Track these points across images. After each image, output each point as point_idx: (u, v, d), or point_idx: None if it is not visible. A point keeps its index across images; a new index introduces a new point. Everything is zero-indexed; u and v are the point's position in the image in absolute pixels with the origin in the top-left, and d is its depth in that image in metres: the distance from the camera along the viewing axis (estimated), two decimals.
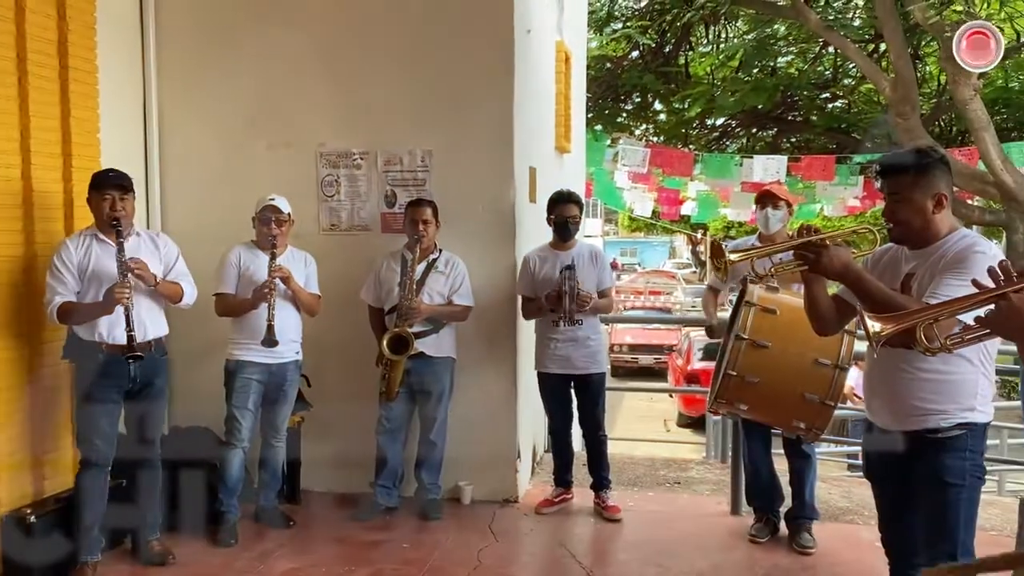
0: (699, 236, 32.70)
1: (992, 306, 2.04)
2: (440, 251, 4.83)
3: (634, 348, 17.89)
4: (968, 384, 2.75)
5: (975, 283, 2.12)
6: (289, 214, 4.57)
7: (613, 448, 5.10)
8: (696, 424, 12.55)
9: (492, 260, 5.04)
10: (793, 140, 14.42)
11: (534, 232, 5.21)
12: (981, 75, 10.98)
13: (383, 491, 4.86)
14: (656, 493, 5.45)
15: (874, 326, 2.12)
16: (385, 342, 4.66)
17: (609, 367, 16.55)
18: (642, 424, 13.21)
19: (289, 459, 4.89)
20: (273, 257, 4.44)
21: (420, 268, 4.72)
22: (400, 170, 5.08)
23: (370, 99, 5.08)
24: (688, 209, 16.84)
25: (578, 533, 4.76)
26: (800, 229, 2.89)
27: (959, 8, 10.87)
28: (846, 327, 3.34)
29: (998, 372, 4.55)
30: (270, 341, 4.35)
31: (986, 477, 7.76)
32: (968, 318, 2.21)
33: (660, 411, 14.34)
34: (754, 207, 4.80)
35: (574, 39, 7.39)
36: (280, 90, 5.16)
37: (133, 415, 4.14)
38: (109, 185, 3.98)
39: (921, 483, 2.80)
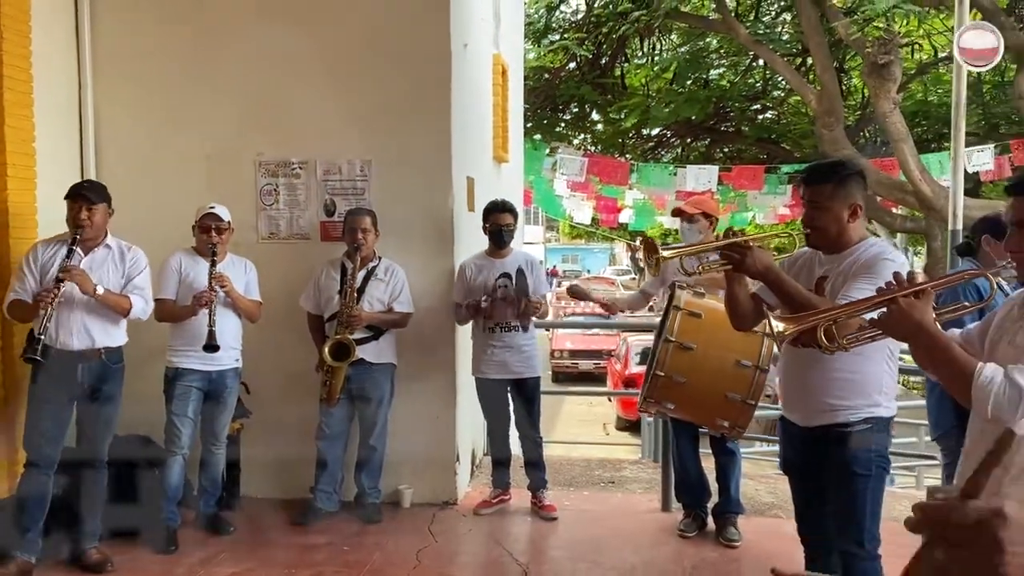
0: (637, 243, 33.21)
1: (885, 309, 2.25)
2: (380, 259, 4.93)
3: (574, 354, 18.12)
4: (873, 382, 2.97)
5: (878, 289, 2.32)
6: (229, 222, 4.63)
7: (553, 451, 5.25)
8: (633, 427, 12.80)
9: (431, 268, 5.16)
10: (726, 150, 14.85)
11: (472, 240, 5.34)
12: (901, 88, 11.51)
13: (323, 496, 4.92)
14: (591, 492, 5.62)
15: (778, 326, 2.31)
16: (326, 349, 4.74)
17: (550, 372, 16.63)
18: (582, 428, 13.43)
19: (229, 465, 4.92)
20: (214, 264, 4.49)
21: (360, 276, 4.81)
22: (339, 179, 5.17)
23: (309, 109, 5.15)
24: (626, 217, 17.20)
25: (515, 532, 4.89)
26: (727, 232, 3.09)
27: (880, 24, 11.38)
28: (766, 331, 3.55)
29: (916, 373, 4.82)
30: (211, 347, 4.40)
31: (904, 471, 8.12)
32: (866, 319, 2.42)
33: (599, 415, 14.59)
34: None
35: (511, 52, 7.56)
36: (218, 100, 5.20)
37: (81, 420, 4.19)
38: (75, 196, 4.15)
39: (831, 475, 3.01)
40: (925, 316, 2.14)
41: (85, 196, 4.13)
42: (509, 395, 5.09)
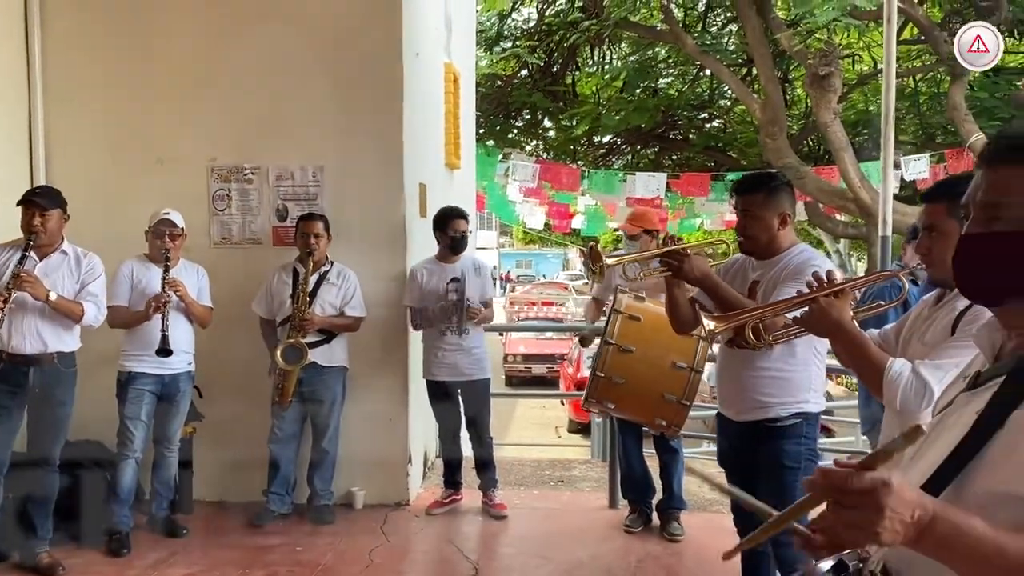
0: (588, 249, 33.52)
1: (807, 308, 2.42)
2: (332, 263, 5.01)
3: (527, 358, 18.25)
4: (803, 379, 3.16)
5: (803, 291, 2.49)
6: (183, 228, 4.68)
7: (506, 453, 5.37)
8: (585, 430, 12.96)
9: (383, 272, 5.25)
10: (674, 157, 15.14)
11: (425, 246, 5.44)
12: (841, 99, 11.88)
13: (276, 498, 4.98)
14: (541, 491, 5.76)
15: (709, 324, 2.47)
16: (279, 352, 4.80)
17: (504, 376, 16.70)
18: (534, 431, 13.57)
19: (182, 469, 4.96)
20: (167, 270, 4.54)
21: (312, 280, 4.89)
22: (292, 185, 5.24)
23: (262, 116, 5.22)
24: (578, 222, 17.40)
25: (466, 531, 5.00)
26: (665, 239, 3.25)
27: (822, 37, 11.75)
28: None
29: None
30: (164, 351, 4.44)
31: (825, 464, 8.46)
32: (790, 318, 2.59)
33: (552, 418, 14.75)
34: None
35: (463, 60, 7.69)
36: (171, 105, 5.24)
37: (32, 424, 4.20)
38: (28, 202, 4.18)
39: (763, 468, 3.18)
40: (843, 314, 2.31)
41: (36, 202, 4.16)
42: (460, 397, 5.20)
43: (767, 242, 3.15)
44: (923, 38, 11.68)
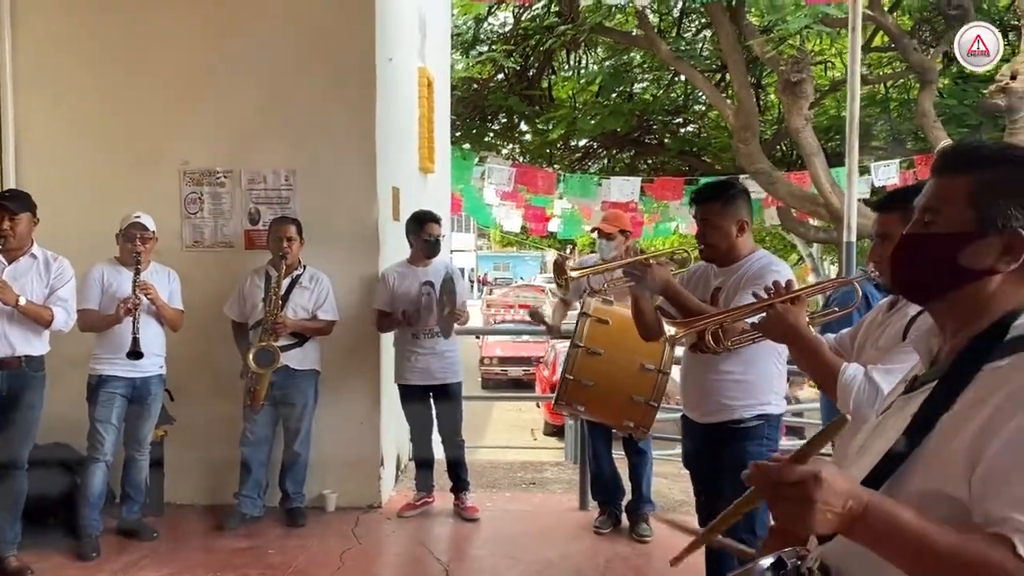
0: (567, 252, 33.68)
1: (764, 314, 2.48)
2: (304, 267, 5.03)
3: (504, 360, 18.29)
4: (764, 382, 3.23)
5: (755, 295, 2.55)
6: (154, 231, 4.68)
7: (482, 455, 5.40)
8: (560, 432, 12.99)
9: (357, 276, 5.28)
10: (650, 161, 15.25)
11: (398, 249, 5.46)
12: (813, 105, 12.03)
13: (248, 501, 4.99)
14: (513, 494, 5.81)
15: (670, 331, 2.53)
16: (251, 356, 4.81)
17: (480, 379, 16.70)
18: (510, 433, 13.62)
19: (153, 472, 4.95)
20: (138, 273, 4.54)
21: (285, 284, 4.91)
22: (264, 188, 5.25)
23: (235, 119, 5.23)
24: (554, 226, 17.47)
25: (438, 533, 5.04)
26: (626, 250, 3.32)
27: (794, 43, 11.90)
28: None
29: None
30: (135, 353, 4.44)
31: None
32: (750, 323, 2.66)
33: (528, 421, 14.81)
34: None
35: (437, 64, 7.72)
36: (144, 109, 5.24)
37: (0, 428, 4.18)
38: None
39: (726, 469, 3.24)
40: (798, 320, 2.38)
41: (6, 206, 4.15)
42: (432, 400, 5.23)
43: (727, 249, 3.23)
44: (893, 46, 11.84)
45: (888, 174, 11.38)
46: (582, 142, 15.22)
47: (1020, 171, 1.34)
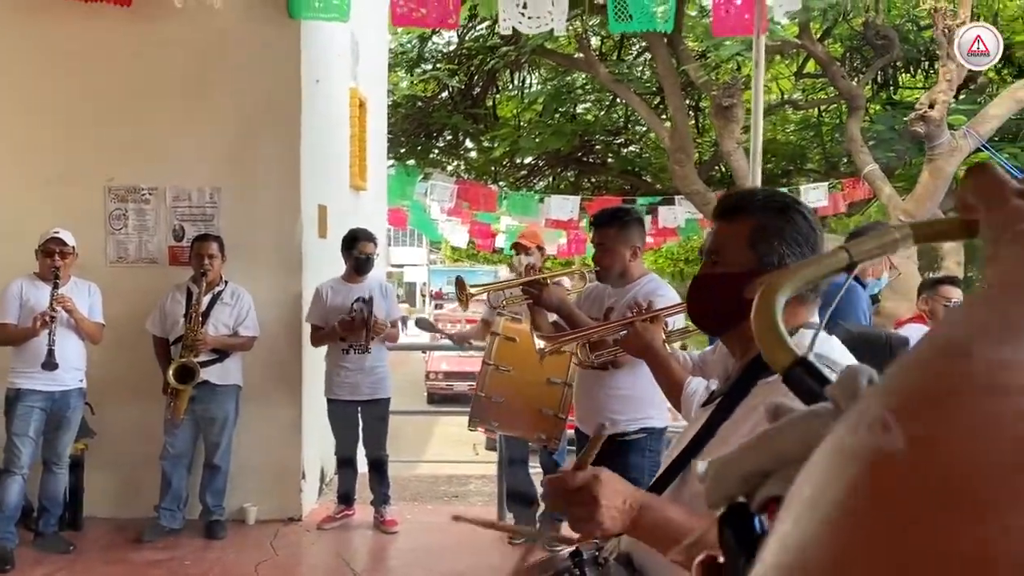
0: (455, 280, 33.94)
1: (625, 331, 2.67)
2: (226, 283, 5.13)
3: (449, 375, 18.38)
4: (647, 397, 3.42)
5: (621, 314, 2.75)
6: (73, 247, 4.75)
7: (405, 469, 5.52)
8: None
9: (279, 292, 5.39)
10: (593, 180, 15.54)
11: (324, 265, 5.59)
12: (745, 129, 12.42)
13: (167, 514, 5.05)
14: (434, 506, 5.94)
15: (539, 344, 2.71)
16: (171, 371, 4.89)
17: (425, 394, 16.63)
18: (453, 448, 13.68)
19: (72, 486, 5.00)
20: (55, 287, 4.61)
21: (206, 300, 5.00)
22: (189, 206, 5.35)
23: (161, 137, 5.31)
24: (501, 241, 17.69)
25: (355, 545, 5.15)
26: (526, 269, 3.51)
27: (729, 67, 12.26)
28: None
29: None
30: (50, 364, 4.52)
31: None
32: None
33: (470, 436, 14.77)
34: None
35: (371, 84, 7.87)
36: (71, 125, 5.30)
37: None
38: None
39: None
40: (655, 338, 2.57)
41: None
42: (359, 415, 5.34)
43: (620, 271, 3.44)
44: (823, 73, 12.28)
45: (817, 196, 11.76)
46: (527, 159, 15.47)
47: (784, 217, 1.55)
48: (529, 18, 5.12)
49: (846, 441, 0.32)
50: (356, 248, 5.26)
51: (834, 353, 1.48)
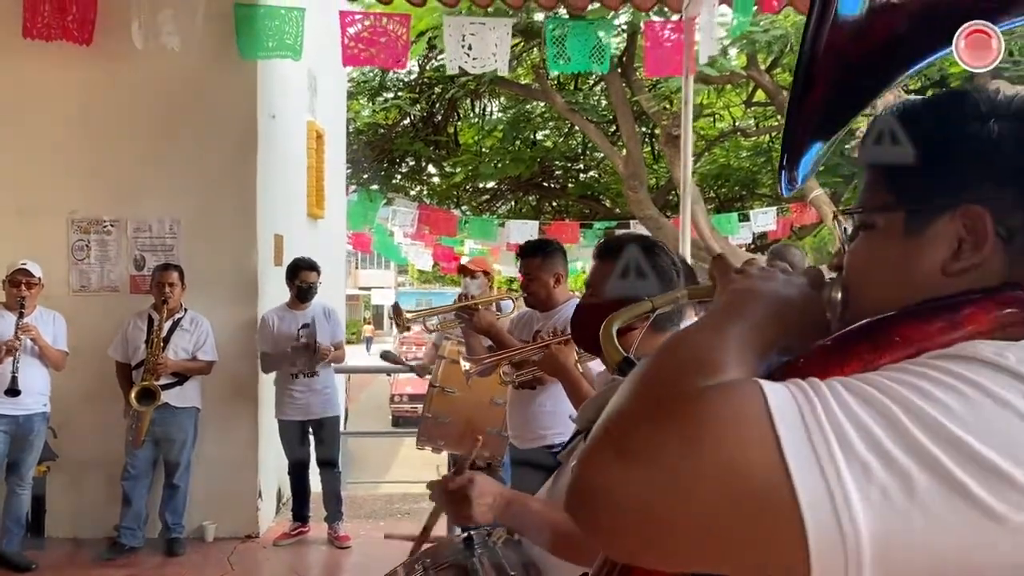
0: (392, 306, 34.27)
1: (542, 353, 2.98)
2: (186, 311, 5.37)
3: (413, 398, 18.54)
4: (572, 412, 3.72)
5: (541, 337, 3.05)
6: (40, 278, 4.98)
7: (384, 490, 5.74)
8: None
9: (236, 318, 5.64)
10: (554, 205, 15.90)
11: (280, 293, 5.83)
12: (699, 156, 12.87)
13: (128, 532, 5.25)
14: (387, 523, 6.18)
15: (465, 365, 3.01)
16: (133, 394, 5.12)
17: (391, 416, 16.73)
18: (416, 470, 13.85)
19: (34, 507, 5.19)
20: (21, 316, 4.83)
21: (166, 327, 5.24)
22: (149, 236, 5.59)
23: (122, 170, 5.55)
24: None
25: (310, 560, 5.39)
26: (459, 296, 3.82)
27: (679, 97, 12.68)
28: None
29: None
30: (13, 391, 4.73)
31: None
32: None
33: (434, 458, 15.02)
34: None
35: (330, 116, 8.17)
36: (33, 158, 5.50)
37: None
38: None
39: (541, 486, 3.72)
40: (567, 359, 2.89)
41: None
42: (310, 435, 5.59)
43: (545, 297, 3.74)
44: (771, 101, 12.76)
45: (766, 221, 12.22)
46: (489, 184, 15.80)
47: (651, 255, 1.87)
48: (474, 59, 5.45)
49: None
50: (298, 277, 5.53)
51: None
